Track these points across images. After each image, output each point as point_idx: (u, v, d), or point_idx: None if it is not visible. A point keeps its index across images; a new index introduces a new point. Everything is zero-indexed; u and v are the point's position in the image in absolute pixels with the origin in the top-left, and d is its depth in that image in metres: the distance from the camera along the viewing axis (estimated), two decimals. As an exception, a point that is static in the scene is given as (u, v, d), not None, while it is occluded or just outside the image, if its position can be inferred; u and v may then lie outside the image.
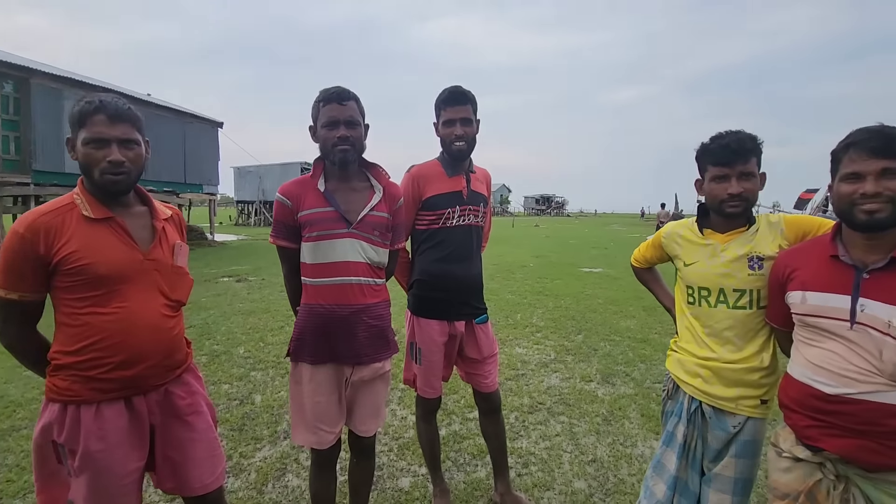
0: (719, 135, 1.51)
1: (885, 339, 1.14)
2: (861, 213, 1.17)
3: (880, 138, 1.15)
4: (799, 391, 1.29)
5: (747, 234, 1.52)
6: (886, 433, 1.14)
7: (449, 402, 3.50)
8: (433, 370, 2.13)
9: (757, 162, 1.49)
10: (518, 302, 6.92)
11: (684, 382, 1.62)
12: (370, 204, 1.74)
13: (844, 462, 1.21)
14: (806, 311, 1.29)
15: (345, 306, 1.69)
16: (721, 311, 1.54)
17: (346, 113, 1.67)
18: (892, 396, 1.14)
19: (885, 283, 1.17)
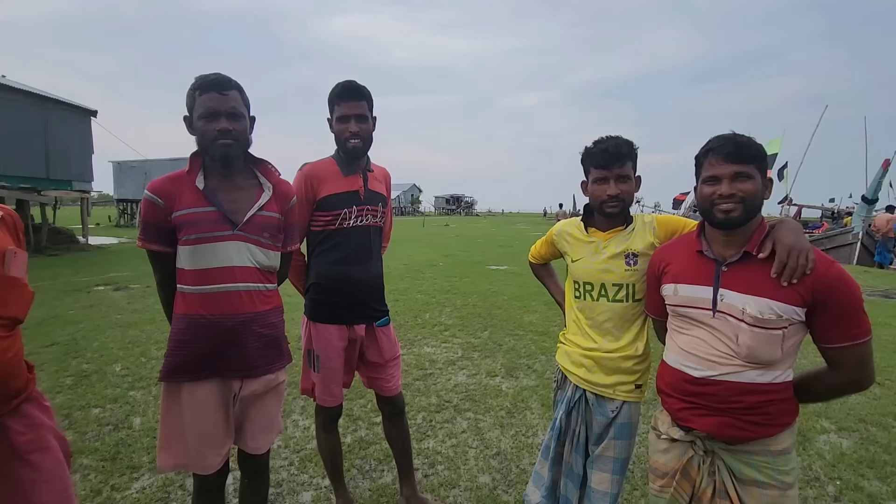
0: (600, 140, 1.61)
1: (740, 325, 1.26)
2: (719, 212, 1.28)
3: (733, 145, 1.27)
4: (672, 376, 1.41)
5: (625, 233, 1.65)
6: (742, 409, 1.28)
7: (355, 406, 3.40)
8: (333, 377, 2.04)
9: (633, 166, 1.61)
10: (427, 301, 6.95)
11: (570, 373, 1.72)
12: (258, 203, 1.61)
13: (711, 438, 1.34)
14: (677, 301, 1.40)
15: (230, 316, 1.54)
16: (602, 304, 1.65)
17: (228, 104, 1.52)
18: (746, 376, 1.27)
19: (739, 275, 1.29)
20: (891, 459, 2.78)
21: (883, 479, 2.61)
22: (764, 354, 1.25)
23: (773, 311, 1.22)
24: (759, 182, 1.27)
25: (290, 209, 1.72)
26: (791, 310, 1.22)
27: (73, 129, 15.15)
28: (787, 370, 1.29)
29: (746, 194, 1.25)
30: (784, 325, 1.22)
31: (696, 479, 1.37)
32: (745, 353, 1.26)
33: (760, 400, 1.27)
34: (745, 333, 1.25)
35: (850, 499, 2.42)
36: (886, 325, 5.77)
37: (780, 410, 1.28)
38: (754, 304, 1.24)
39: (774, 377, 1.27)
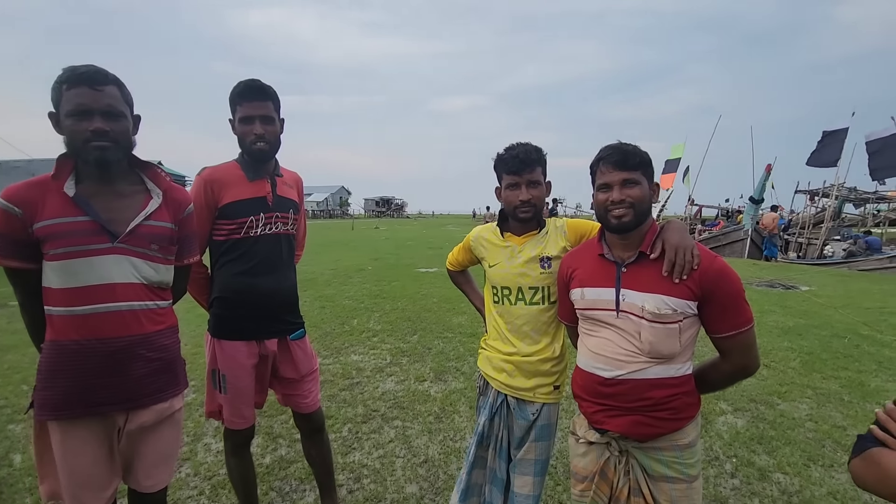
0: (511, 146, 1.64)
1: (641, 322, 1.33)
2: (612, 217, 1.36)
3: (620, 154, 1.35)
4: (585, 379, 1.46)
5: (539, 237, 1.68)
6: (650, 406, 1.34)
7: (275, 424, 3.21)
8: (242, 398, 1.89)
9: (542, 171, 1.65)
10: (355, 307, 6.77)
11: (492, 378, 1.73)
12: (145, 211, 1.45)
13: (624, 438, 1.40)
14: (585, 305, 1.46)
15: (111, 340, 1.36)
16: (520, 307, 1.67)
17: (103, 100, 1.35)
18: (650, 371, 1.34)
19: (637, 275, 1.37)
20: (776, 434, 3.10)
21: (770, 452, 2.89)
22: (664, 348, 1.33)
23: (668, 307, 1.30)
24: (646, 187, 1.36)
25: (185, 218, 1.57)
26: (684, 304, 1.30)
27: (-64, 124, 13.10)
28: (687, 363, 1.38)
29: (635, 199, 1.33)
30: (679, 318, 1.31)
31: (614, 479, 1.42)
32: (648, 348, 1.33)
33: (666, 394, 1.34)
34: (646, 329, 1.33)
35: (744, 474, 2.66)
36: (771, 312, 6.47)
37: (683, 404, 1.37)
38: (651, 301, 1.32)
39: (676, 370, 1.36)
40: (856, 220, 20.73)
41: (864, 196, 19.10)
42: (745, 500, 2.46)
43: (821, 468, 2.73)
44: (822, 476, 2.65)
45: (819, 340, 5.19)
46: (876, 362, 4.49)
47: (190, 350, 4.48)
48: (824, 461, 2.80)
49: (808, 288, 8.54)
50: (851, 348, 4.92)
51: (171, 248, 1.52)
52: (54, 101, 1.37)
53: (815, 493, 2.50)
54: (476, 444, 1.74)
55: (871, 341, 5.19)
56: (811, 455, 2.86)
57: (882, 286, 9.03)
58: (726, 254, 15.01)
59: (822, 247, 14.96)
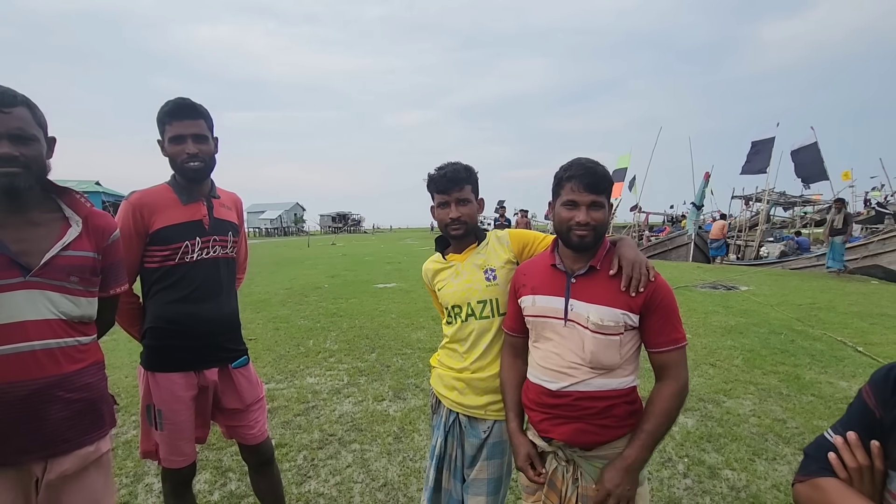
0: (441, 166, 1.67)
1: (585, 332, 1.36)
2: (574, 236, 1.38)
3: (591, 176, 1.36)
4: (534, 391, 1.47)
5: (478, 250, 1.70)
6: (593, 414, 1.37)
7: (224, 457, 3.04)
8: (181, 433, 1.77)
9: (473, 189, 1.68)
10: (311, 327, 6.58)
11: (444, 396, 1.72)
12: (63, 241, 1.33)
13: (569, 446, 1.42)
14: (535, 312, 1.47)
15: (22, 383, 1.24)
16: (471, 323, 1.67)
17: (11, 123, 1.24)
18: (593, 383, 1.37)
19: (585, 286, 1.40)
20: (724, 431, 3.24)
21: (718, 450, 3.01)
22: (605, 359, 1.36)
23: (611, 318, 1.34)
24: (607, 210, 1.41)
25: (109, 246, 1.46)
26: (626, 315, 1.34)
27: None
28: (630, 376, 1.41)
29: (598, 223, 1.37)
30: (620, 330, 1.35)
31: (562, 488, 1.43)
32: (590, 358, 1.36)
33: (608, 404, 1.37)
34: (589, 340, 1.36)
35: (695, 473, 2.75)
36: (714, 313, 6.82)
37: (625, 412, 1.40)
38: (595, 311, 1.36)
39: (619, 383, 1.39)
40: (786, 223, 22.31)
41: (792, 200, 20.63)
42: (697, 498, 2.54)
43: (765, 462, 2.86)
44: (766, 470, 2.78)
45: (758, 338, 5.50)
46: (809, 356, 4.80)
47: (130, 382, 4.20)
48: (768, 455, 2.94)
49: (748, 288, 9.07)
50: (787, 343, 5.24)
51: (93, 280, 1.41)
52: None
53: (760, 487, 2.61)
54: (434, 466, 1.71)
55: (804, 336, 5.55)
56: (756, 450, 2.99)
57: (811, 283, 9.72)
58: (672, 258, 15.76)
59: (759, 248, 15.99)
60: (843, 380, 4.15)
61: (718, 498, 2.54)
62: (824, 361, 4.63)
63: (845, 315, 6.60)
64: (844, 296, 8.15)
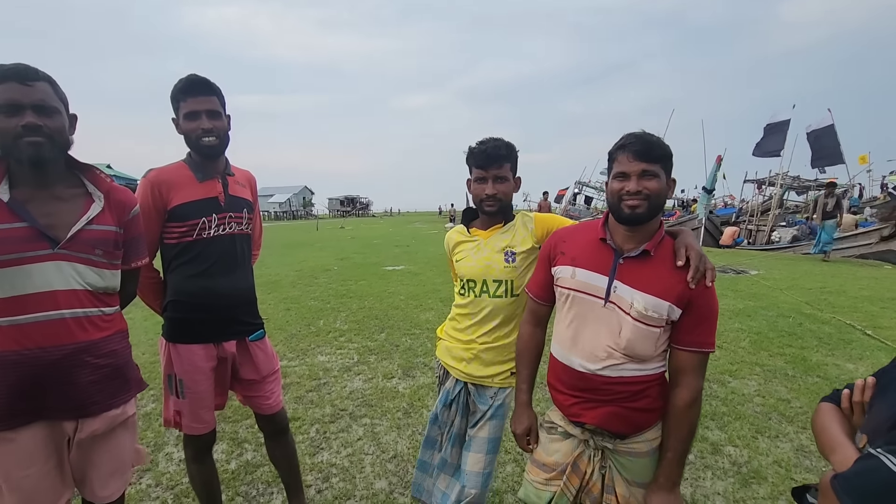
0: (482, 141, 1.65)
1: (625, 318, 1.30)
2: (626, 207, 1.29)
3: (642, 144, 1.28)
4: (561, 371, 1.44)
5: (504, 230, 1.70)
6: (626, 397, 1.33)
7: (240, 429, 3.15)
8: (201, 402, 1.85)
9: (512, 167, 1.66)
10: (321, 308, 6.69)
11: (451, 367, 1.77)
12: (87, 215, 1.39)
13: (600, 435, 1.39)
14: (573, 285, 1.39)
15: (54, 348, 1.31)
16: (485, 299, 1.70)
17: (34, 95, 1.28)
18: (625, 368, 1.33)
19: (633, 270, 1.32)
20: (727, 410, 3.28)
21: (721, 427, 3.06)
22: (640, 350, 1.31)
23: (657, 309, 1.27)
24: (664, 181, 1.30)
25: (130, 220, 1.52)
26: (672, 309, 1.27)
27: None
28: (661, 363, 1.37)
29: (651, 192, 1.27)
30: (662, 323, 1.28)
31: (586, 470, 1.41)
32: (625, 345, 1.31)
33: (641, 388, 1.34)
34: (628, 327, 1.30)
35: (698, 449, 2.81)
36: (722, 296, 6.81)
37: (657, 393, 1.36)
38: (642, 299, 1.28)
39: (651, 370, 1.35)
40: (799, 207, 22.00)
41: (807, 184, 20.28)
42: (699, 472, 2.60)
43: (767, 439, 2.91)
44: (768, 446, 2.83)
45: (766, 321, 5.51)
46: (817, 338, 4.81)
47: (148, 359, 4.32)
48: (770, 433, 2.98)
49: (757, 272, 9.03)
50: (795, 326, 5.25)
51: (116, 253, 1.47)
52: None
53: (762, 463, 2.67)
54: (430, 422, 1.83)
55: (813, 319, 5.54)
56: (759, 428, 3.04)
57: (822, 268, 9.64)
58: (683, 242, 15.60)
59: (770, 233, 15.81)
60: (850, 362, 4.16)
61: (720, 472, 2.60)
62: (832, 344, 4.64)
63: (855, 299, 6.57)
64: (855, 280, 8.09)
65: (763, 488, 2.47)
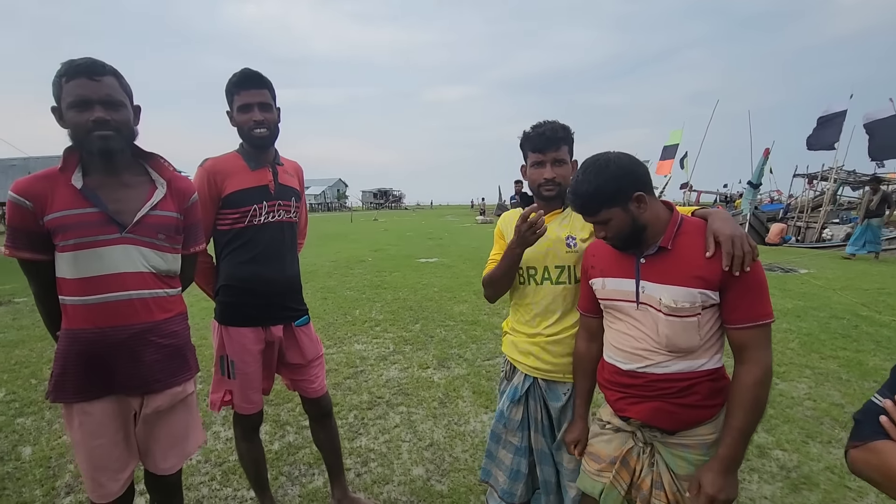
0: (538, 124, 1.61)
1: (658, 315, 1.29)
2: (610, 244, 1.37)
3: (576, 206, 1.35)
4: (608, 370, 1.45)
5: (563, 215, 1.66)
6: (672, 394, 1.30)
7: (282, 412, 3.26)
8: (250, 383, 1.93)
9: (569, 150, 1.61)
10: (357, 297, 6.81)
11: (519, 362, 1.70)
12: (151, 201, 1.47)
13: (649, 428, 1.37)
14: (606, 295, 1.42)
15: (123, 327, 1.39)
16: (546, 287, 1.64)
17: (102, 90, 1.36)
18: (672, 367, 1.29)
19: (655, 266, 1.32)
20: (775, 413, 3.15)
21: (769, 430, 2.95)
22: (682, 342, 1.28)
23: (686, 299, 1.25)
24: (619, 218, 1.30)
25: (189, 207, 1.59)
26: (703, 294, 1.24)
27: (-68, 123, 13.06)
28: (714, 356, 1.31)
29: (614, 233, 1.33)
30: (697, 311, 1.25)
31: (636, 467, 1.40)
32: (665, 342, 1.29)
33: (688, 384, 1.30)
34: (663, 323, 1.28)
35: (743, 451, 2.71)
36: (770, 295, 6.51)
37: (709, 390, 1.30)
38: (668, 293, 1.27)
39: (700, 365, 1.29)
40: (854, 204, 20.76)
41: (863, 179, 19.10)
42: (745, 475, 2.51)
43: (819, 444, 2.78)
44: (820, 452, 2.70)
45: (818, 322, 5.24)
46: (874, 342, 4.54)
47: (195, 342, 4.52)
48: (822, 438, 2.85)
49: (807, 271, 8.59)
50: (850, 329, 4.97)
51: (177, 238, 1.55)
52: (55, 95, 1.38)
53: (813, 469, 2.55)
54: (504, 426, 1.72)
55: (870, 322, 5.24)
56: (809, 432, 2.91)
57: (880, 268, 9.08)
58: (725, 239, 14.99)
59: (821, 230, 15.00)
60: (910, 367, 3.92)
61: (767, 476, 2.50)
62: (891, 348, 4.37)
63: (918, 302, 6.16)
64: (918, 281, 7.58)
65: (815, 495, 2.36)
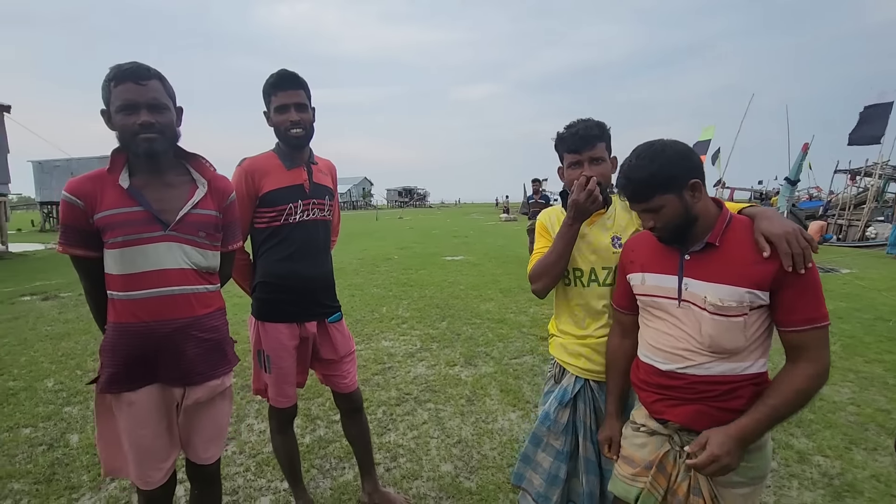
0: (571, 124, 1.56)
1: (702, 314, 1.24)
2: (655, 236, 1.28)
3: (627, 191, 1.29)
4: (644, 370, 1.40)
5: (607, 215, 1.62)
6: (714, 397, 1.25)
7: (312, 406, 3.33)
8: (285, 377, 1.98)
9: (606, 147, 1.55)
10: (383, 295, 6.89)
11: (569, 364, 1.66)
12: (192, 200, 1.52)
13: (687, 432, 1.32)
14: (645, 291, 1.37)
15: (166, 322, 1.45)
16: (594, 289, 1.60)
17: (148, 94, 1.41)
18: (714, 369, 1.24)
19: (700, 264, 1.27)
20: (816, 418, 3.04)
21: (809, 436, 2.84)
22: (727, 343, 1.23)
23: (733, 298, 1.20)
24: (672, 205, 1.25)
25: (228, 206, 1.64)
26: (751, 294, 1.20)
27: (-15, 127, 13.79)
28: (759, 360, 1.26)
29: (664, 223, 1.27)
30: (744, 311, 1.21)
31: (672, 472, 1.35)
32: (709, 342, 1.24)
33: (731, 388, 1.25)
34: (707, 322, 1.24)
35: (782, 456, 2.63)
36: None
37: (753, 394, 1.24)
38: (714, 291, 1.23)
39: (744, 368, 1.24)
40: (901, 200, 19.74)
41: (911, 174, 18.13)
42: (784, 481, 2.43)
43: (864, 451, 2.67)
44: (864, 459, 2.60)
45: (861, 324, 5.02)
46: (923, 345, 4.33)
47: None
48: (867, 444, 2.73)
49: (849, 271, 8.23)
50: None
51: (216, 235, 1.60)
52: (104, 98, 1.44)
53: (857, 476, 2.45)
54: (540, 421, 1.67)
55: (918, 324, 4.99)
56: (853, 438, 2.79)
57: (930, 268, 8.62)
58: (761, 237, 14.49)
59: (864, 228, 14.32)
60: (964, 373, 3.71)
61: (808, 483, 2.42)
62: (942, 352, 4.16)
63: (971, 304, 5.83)
64: (971, 283, 7.17)
65: (858, 503, 2.27)
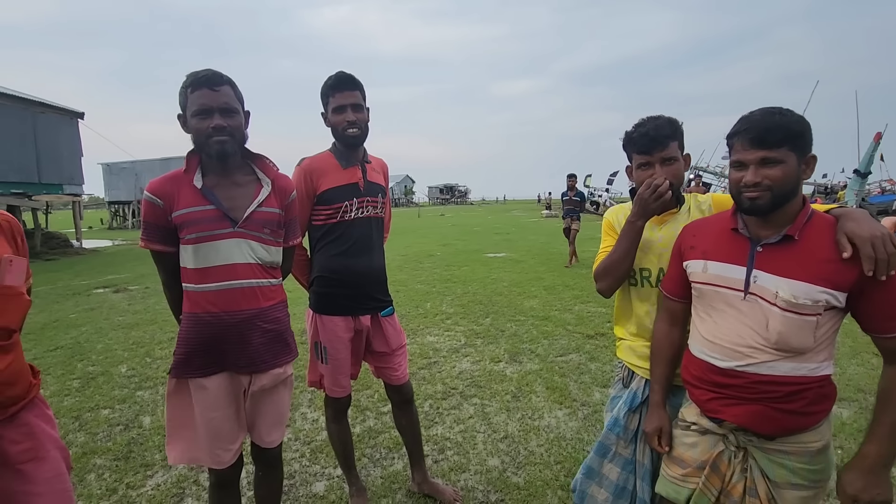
0: (640, 122, 1.50)
1: (771, 309, 1.18)
2: (745, 199, 1.20)
3: (757, 130, 1.17)
4: (698, 367, 1.34)
5: (678, 216, 1.55)
6: (777, 398, 1.20)
7: (362, 398, 3.44)
8: (341, 368, 2.06)
9: (679, 145, 1.49)
10: (427, 291, 6.98)
11: (638, 367, 1.62)
12: (258, 199, 1.61)
13: (744, 432, 1.27)
14: (706, 279, 1.31)
15: (235, 313, 1.55)
16: None
17: (220, 99, 1.51)
18: (779, 367, 1.18)
19: (775, 256, 1.21)
20: (889, 426, 2.84)
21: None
22: (795, 342, 1.17)
23: (808, 296, 1.14)
24: (791, 166, 1.17)
25: (290, 204, 1.73)
26: (828, 294, 1.13)
27: (62, 132, 15.00)
28: (825, 362, 1.20)
29: (774, 181, 1.16)
30: (818, 311, 1.15)
31: (727, 473, 1.32)
32: (776, 339, 1.18)
33: (795, 390, 1.19)
34: (776, 318, 1.18)
35: (850, 466, 2.48)
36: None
37: (818, 396, 1.19)
38: (788, 287, 1.16)
39: (810, 370, 1.18)
40: None
41: None
42: None
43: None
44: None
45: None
46: None
47: (281, 329, 4.88)
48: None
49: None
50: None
51: (279, 232, 1.69)
52: (181, 104, 1.56)
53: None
54: (618, 436, 1.61)
55: None
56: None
57: None
58: (825, 234, 13.62)
59: (946, 224, 13.13)
60: None
61: None
62: None
63: None
64: None
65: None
